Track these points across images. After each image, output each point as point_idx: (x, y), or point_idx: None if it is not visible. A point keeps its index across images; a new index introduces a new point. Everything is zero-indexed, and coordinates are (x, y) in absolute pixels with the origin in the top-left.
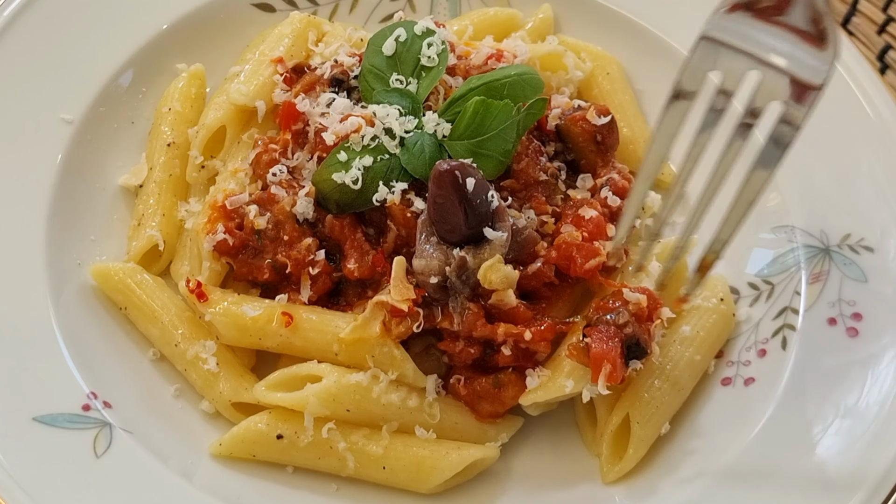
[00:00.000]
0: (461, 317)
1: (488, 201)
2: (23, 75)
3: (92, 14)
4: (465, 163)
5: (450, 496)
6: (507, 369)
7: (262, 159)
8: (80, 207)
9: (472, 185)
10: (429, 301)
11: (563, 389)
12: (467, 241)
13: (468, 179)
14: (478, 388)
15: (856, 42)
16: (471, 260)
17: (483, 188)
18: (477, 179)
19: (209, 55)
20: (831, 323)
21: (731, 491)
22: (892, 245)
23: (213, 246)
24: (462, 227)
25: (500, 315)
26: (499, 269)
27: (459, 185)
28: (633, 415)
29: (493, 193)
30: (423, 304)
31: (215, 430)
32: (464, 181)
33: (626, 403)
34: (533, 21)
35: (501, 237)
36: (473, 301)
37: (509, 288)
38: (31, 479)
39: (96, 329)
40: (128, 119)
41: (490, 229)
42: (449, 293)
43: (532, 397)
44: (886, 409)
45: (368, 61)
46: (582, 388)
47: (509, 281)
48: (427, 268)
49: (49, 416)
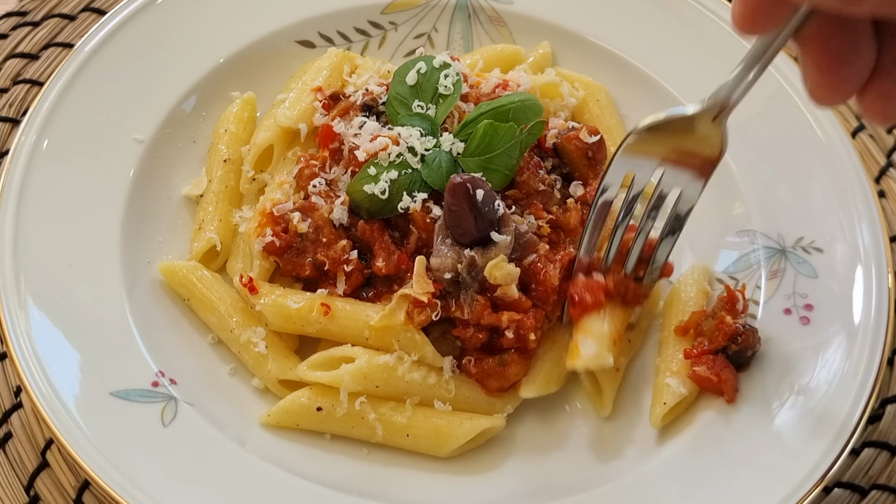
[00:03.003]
0: (470, 307)
1: (495, 209)
2: (102, 101)
3: (161, 49)
4: (476, 177)
5: (463, 459)
6: (511, 350)
7: (304, 173)
8: (150, 214)
9: (480, 196)
10: (444, 294)
11: (553, 387)
12: (477, 242)
13: (478, 191)
14: (486, 367)
15: None
16: (479, 259)
17: (490, 198)
18: (485, 191)
19: (259, 84)
20: (787, 313)
21: (702, 454)
22: (839, 247)
23: (263, 247)
24: (472, 231)
25: (504, 305)
26: (502, 267)
27: (470, 195)
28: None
29: (500, 203)
30: (440, 296)
31: (264, 403)
32: (474, 192)
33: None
34: (534, 56)
35: (506, 240)
36: (481, 294)
37: (512, 283)
38: (109, 446)
39: (163, 317)
40: (190, 139)
41: (496, 233)
42: (461, 287)
43: (527, 392)
44: (834, 386)
45: (394, 90)
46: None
47: (511, 277)
48: (442, 265)
49: (123, 392)
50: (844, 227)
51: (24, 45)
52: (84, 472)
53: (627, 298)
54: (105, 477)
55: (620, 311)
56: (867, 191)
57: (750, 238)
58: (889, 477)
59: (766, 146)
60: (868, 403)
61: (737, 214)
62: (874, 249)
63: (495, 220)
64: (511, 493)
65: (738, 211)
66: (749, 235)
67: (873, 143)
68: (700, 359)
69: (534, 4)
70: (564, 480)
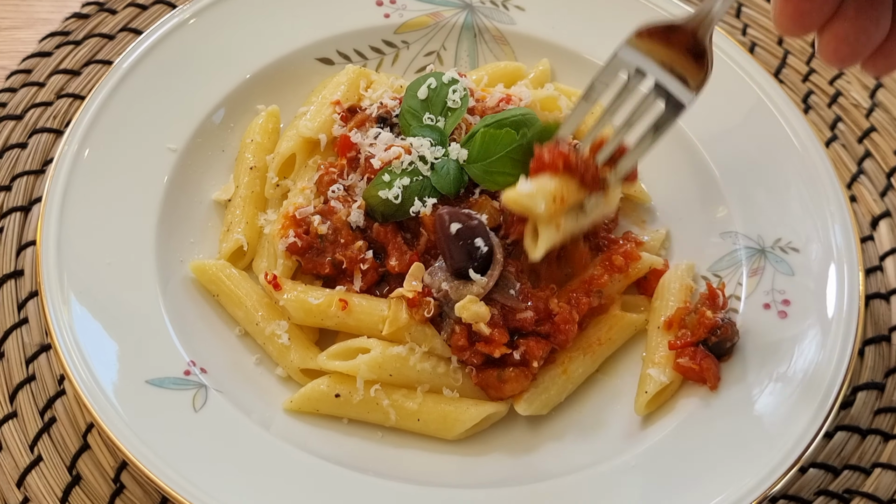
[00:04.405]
0: (448, 335)
1: (476, 246)
2: (139, 113)
3: (192, 66)
4: (461, 210)
5: (469, 441)
6: (511, 368)
7: (324, 180)
8: (182, 217)
9: (455, 230)
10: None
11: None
12: (458, 275)
13: (453, 224)
14: (485, 378)
15: (785, 88)
16: (452, 293)
17: (470, 233)
18: (465, 225)
19: (283, 98)
20: (766, 307)
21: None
22: (814, 247)
23: (286, 247)
24: (448, 264)
25: (481, 337)
26: (470, 309)
27: (445, 227)
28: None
29: (489, 242)
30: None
31: (287, 390)
32: (449, 225)
33: None
34: (534, 72)
35: (483, 281)
36: (459, 324)
37: (481, 321)
38: (144, 429)
39: (194, 311)
40: (219, 148)
41: (474, 272)
42: (443, 311)
43: (523, 409)
44: (809, 374)
45: (406, 103)
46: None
47: (480, 317)
48: (431, 284)
49: (158, 380)
50: (819, 228)
51: (66, 62)
52: (122, 454)
53: (586, 179)
54: (141, 458)
55: (575, 186)
56: (840, 196)
57: (732, 239)
58: (860, 458)
59: (747, 155)
60: (840, 390)
61: (720, 217)
62: (846, 249)
63: (476, 257)
64: (512, 473)
65: (722, 214)
66: (731, 236)
67: (845, 153)
68: (683, 350)
69: (534, 25)
70: (560, 461)
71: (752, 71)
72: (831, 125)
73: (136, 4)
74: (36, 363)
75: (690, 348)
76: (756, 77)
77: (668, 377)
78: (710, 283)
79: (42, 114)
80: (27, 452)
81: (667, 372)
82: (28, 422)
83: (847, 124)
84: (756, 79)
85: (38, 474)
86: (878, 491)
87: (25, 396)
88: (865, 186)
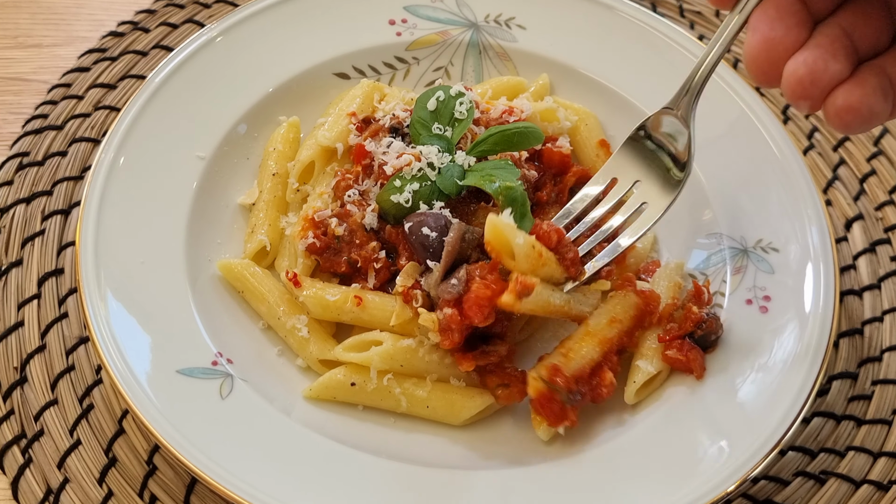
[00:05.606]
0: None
1: (425, 235)
2: (170, 123)
3: (220, 80)
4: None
5: (474, 426)
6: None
7: (341, 185)
8: (210, 220)
9: (407, 228)
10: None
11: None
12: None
13: (406, 224)
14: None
15: (766, 101)
16: (425, 285)
17: (418, 226)
18: (414, 222)
19: (303, 110)
20: (748, 303)
21: (674, 423)
22: (792, 247)
23: (305, 247)
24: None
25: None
26: (423, 313)
27: (403, 229)
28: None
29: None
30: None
31: (307, 379)
32: (404, 226)
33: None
34: (535, 86)
35: (437, 266)
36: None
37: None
38: (175, 415)
39: (221, 306)
40: (244, 156)
41: (430, 260)
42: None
43: (543, 434)
44: (788, 365)
45: (416, 114)
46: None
47: (432, 323)
48: (422, 280)
49: (188, 370)
50: (797, 230)
51: (103, 76)
52: (154, 438)
53: (565, 260)
54: (172, 442)
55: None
56: (816, 200)
57: (717, 240)
58: (835, 442)
59: (731, 162)
60: (817, 379)
61: (706, 220)
62: (822, 249)
63: (429, 244)
64: (513, 455)
65: (707, 217)
66: (716, 237)
67: (821, 160)
68: (671, 343)
69: (535, 42)
70: (558, 445)
71: (736, 85)
72: (808, 135)
73: (168, 24)
74: (75, 354)
75: (678, 341)
76: (739, 91)
77: (655, 367)
78: (696, 281)
79: (81, 124)
80: (67, 437)
81: (654, 363)
82: (68, 408)
83: (823, 134)
84: (739, 92)
85: (77, 457)
86: (852, 472)
87: (66, 385)
88: (840, 191)
